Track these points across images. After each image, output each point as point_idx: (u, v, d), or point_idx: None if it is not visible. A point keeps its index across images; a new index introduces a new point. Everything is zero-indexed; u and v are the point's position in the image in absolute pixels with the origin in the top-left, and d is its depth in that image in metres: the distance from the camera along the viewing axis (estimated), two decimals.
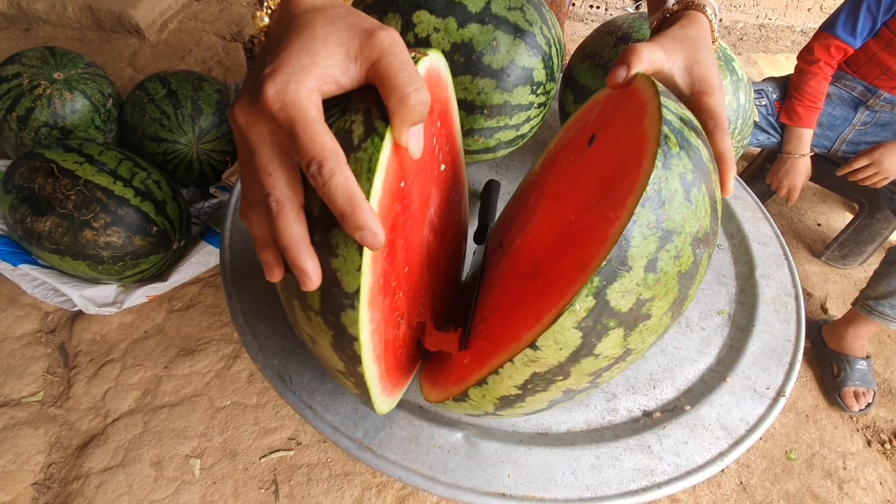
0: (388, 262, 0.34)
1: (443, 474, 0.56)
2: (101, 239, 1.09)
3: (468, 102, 0.72)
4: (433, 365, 0.51)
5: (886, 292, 1.23)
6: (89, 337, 1.25)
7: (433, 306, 0.53)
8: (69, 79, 1.34)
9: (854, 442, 1.27)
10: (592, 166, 0.40)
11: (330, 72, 0.30)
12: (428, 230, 0.44)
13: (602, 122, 0.43)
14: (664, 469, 0.58)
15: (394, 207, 0.33)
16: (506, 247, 0.51)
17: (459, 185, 0.56)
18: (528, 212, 0.50)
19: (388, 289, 0.35)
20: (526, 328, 0.34)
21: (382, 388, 0.40)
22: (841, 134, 1.37)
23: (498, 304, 0.42)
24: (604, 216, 0.33)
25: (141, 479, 1.05)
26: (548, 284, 0.35)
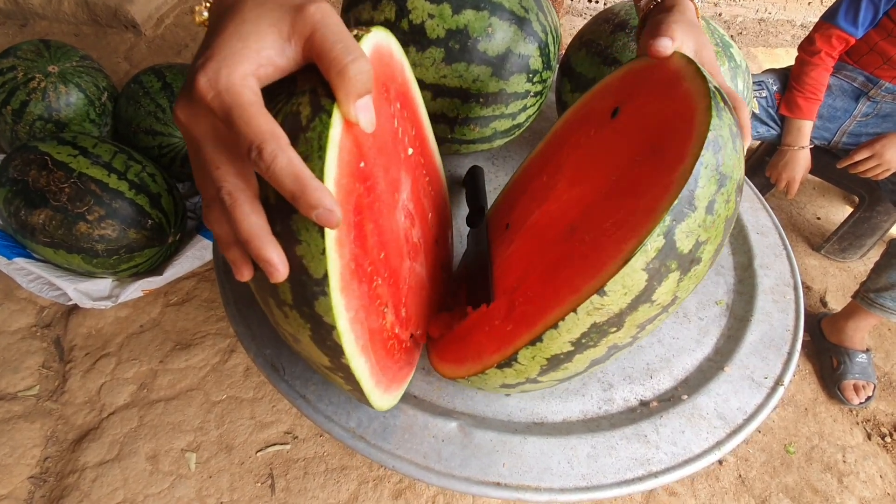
0: (359, 246, 0.34)
1: (437, 463, 0.55)
2: (96, 232, 1.08)
3: (463, 90, 0.71)
4: (450, 345, 0.51)
5: (887, 285, 1.22)
6: (85, 331, 1.24)
7: (422, 295, 0.52)
8: (64, 72, 1.34)
9: (854, 435, 1.26)
10: (623, 133, 0.42)
11: (264, 54, 0.29)
12: (403, 216, 0.44)
13: (624, 96, 0.45)
14: (661, 458, 0.57)
15: (355, 187, 0.33)
16: (516, 225, 0.52)
17: (433, 172, 0.55)
18: (541, 189, 0.51)
19: (363, 274, 0.35)
20: (583, 281, 0.35)
21: (376, 382, 0.39)
22: (842, 125, 1.36)
23: (528, 272, 0.43)
24: (659, 166, 0.35)
25: (136, 472, 1.05)
26: (601, 238, 0.36)
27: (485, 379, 0.44)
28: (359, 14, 0.74)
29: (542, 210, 0.48)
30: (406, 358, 0.51)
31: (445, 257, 0.59)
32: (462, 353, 0.48)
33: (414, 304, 0.50)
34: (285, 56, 0.30)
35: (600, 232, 0.37)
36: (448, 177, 0.87)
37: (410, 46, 0.69)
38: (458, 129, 0.75)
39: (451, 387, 0.63)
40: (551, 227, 0.44)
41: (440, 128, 0.75)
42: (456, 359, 0.49)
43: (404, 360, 0.50)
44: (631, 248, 0.33)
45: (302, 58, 0.31)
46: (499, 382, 0.44)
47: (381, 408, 0.43)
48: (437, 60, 0.69)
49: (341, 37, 0.30)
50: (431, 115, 0.74)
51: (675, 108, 0.37)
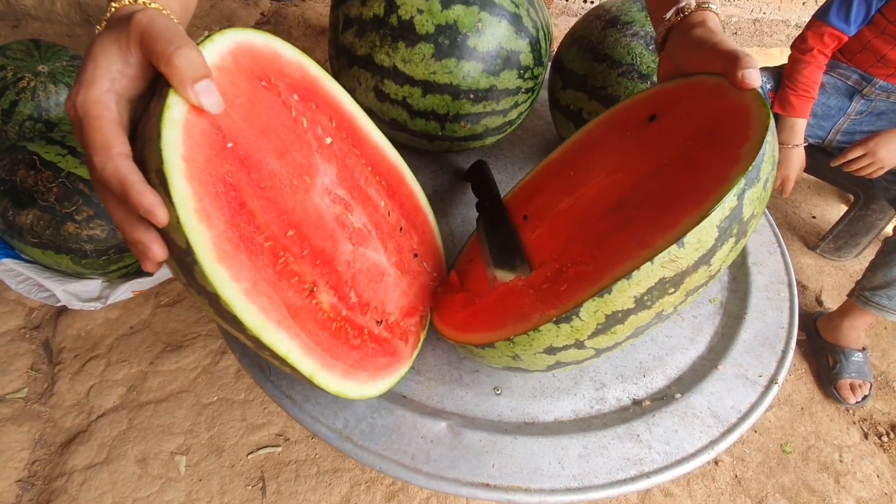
0: (240, 219, 0.36)
1: (425, 465, 0.54)
2: (84, 232, 1.07)
3: (453, 87, 0.70)
4: (478, 315, 0.51)
5: (883, 283, 1.21)
6: (74, 333, 1.23)
7: (386, 283, 0.52)
8: (53, 71, 1.32)
9: (850, 435, 1.25)
10: (666, 132, 0.47)
11: (114, 69, 0.33)
12: (328, 200, 0.46)
13: (661, 105, 0.50)
14: (653, 458, 0.56)
15: (220, 165, 0.35)
16: (538, 215, 0.56)
17: (383, 165, 0.55)
18: (568, 183, 0.55)
19: (255, 247, 0.37)
20: (654, 237, 0.38)
21: (322, 363, 0.41)
22: (836, 124, 1.36)
23: (568, 245, 0.48)
24: (721, 146, 0.40)
25: (125, 476, 1.03)
26: (667, 204, 0.41)
27: (535, 338, 0.43)
28: (347, 10, 0.73)
29: (575, 197, 0.52)
30: (381, 348, 0.50)
31: (427, 248, 0.58)
32: (499, 319, 0.48)
33: (372, 290, 0.50)
34: (131, 65, 0.34)
35: (660, 201, 0.41)
36: (445, 173, 0.86)
37: (400, 42, 0.68)
38: (449, 127, 0.75)
39: (441, 387, 0.62)
40: (591, 208, 0.49)
41: (430, 125, 0.74)
42: (492, 325, 0.48)
43: (377, 349, 0.49)
44: (710, 205, 0.36)
45: (144, 61, 0.34)
46: (547, 343, 0.43)
47: (347, 395, 0.43)
48: (426, 56, 0.68)
49: (164, 32, 0.33)
50: (421, 112, 0.73)
51: (727, 105, 0.43)
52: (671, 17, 0.52)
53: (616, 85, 0.70)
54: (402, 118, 0.74)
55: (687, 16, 0.51)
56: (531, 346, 0.44)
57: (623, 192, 0.47)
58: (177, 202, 0.32)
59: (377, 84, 0.72)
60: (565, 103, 0.78)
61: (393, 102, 0.73)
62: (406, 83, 0.70)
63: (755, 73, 0.42)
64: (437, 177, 0.85)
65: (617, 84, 0.70)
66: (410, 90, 0.71)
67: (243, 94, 0.39)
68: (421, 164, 0.86)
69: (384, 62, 0.70)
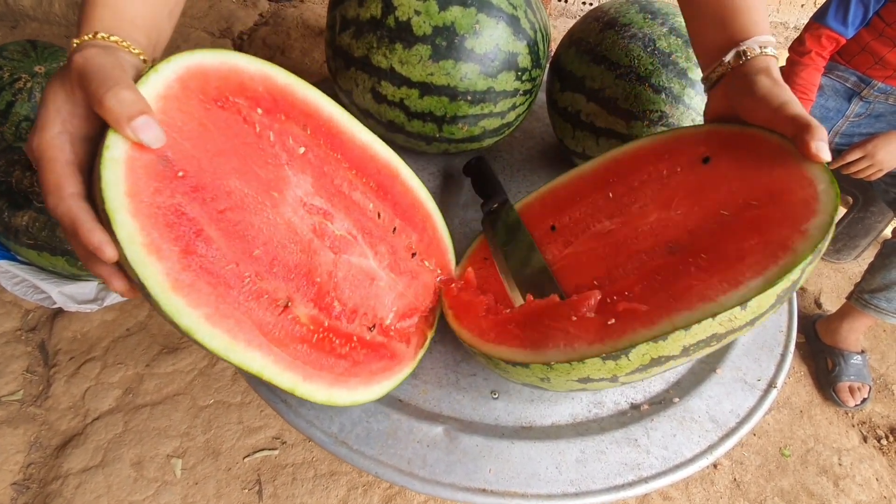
0: (200, 247, 0.37)
1: (421, 469, 0.54)
2: None
3: (451, 88, 0.70)
4: (509, 327, 0.49)
5: (882, 285, 1.21)
6: (70, 335, 1.22)
7: (377, 287, 0.51)
8: (50, 72, 1.32)
9: (850, 438, 1.25)
10: (723, 180, 0.48)
11: (64, 111, 0.34)
12: (302, 213, 0.46)
13: (717, 148, 0.50)
14: (651, 463, 0.56)
15: (170, 196, 0.36)
16: (569, 230, 0.56)
17: (367, 162, 0.54)
18: (607, 203, 0.55)
19: (216, 273, 0.38)
20: (715, 293, 0.39)
21: (304, 376, 0.42)
22: (834, 126, 1.36)
23: (612, 274, 0.48)
24: (787, 214, 0.41)
25: (121, 479, 1.03)
26: (729, 261, 0.41)
27: (576, 368, 0.42)
28: (345, 11, 0.73)
29: (619, 223, 0.52)
30: (375, 353, 0.49)
31: (428, 244, 0.57)
32: (535, 337, 0.46)
33: (360, 296, 0.49)
34: (79, 105, 0.35)
35: (721, 256, 0.42)
36: (443, 176, 0.86)
37: (397, 43, 0.68)
38: (447, 128, 0.74)
39: (438, 390, 0.61)
40: (640, 240, 0.49)
41: (428, 126, 0.74)
42: (526, 342, 0.47)
43: (371, 354, 0.49)
44: (776, 275, 0.37)
45: (87, 102, 0.35)
46: (586, 374, 0.43)
47: (337, 402, 0.44)
48: (423, 58, 0.68)
49: (96, 74, 0.33)
50: (418, 113, 0.73)
51: (792, 171, 0.43)
52: (731, 60, 0.50)
53: (614, 87, 0.70)
54: (400, 120, 0.74)
55: (748, 61, 0.49)
56: (568, 374, 0.44)
57: (678, 234, 0.47)
58: (122, 239, 0.33)
59: (374, 85, 0.72)
60: (563, 105, 0.78)
61: (390, 104, 0.73)
62: (403, 85, 0.70)
63: (826, 146, 0.42)
64: (435, 179, 0.85)
65: (615, 86, 0.70)
66: (408, 92, 0.70)
67: (194, 118, 0.39)
68: (418, 167, 0.86)
69: (381, 63, 0.69)
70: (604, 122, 0.72)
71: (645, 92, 0.67)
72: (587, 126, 0.75)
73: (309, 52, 2.07)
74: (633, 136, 0.70)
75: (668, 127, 0.68)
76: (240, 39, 2.14)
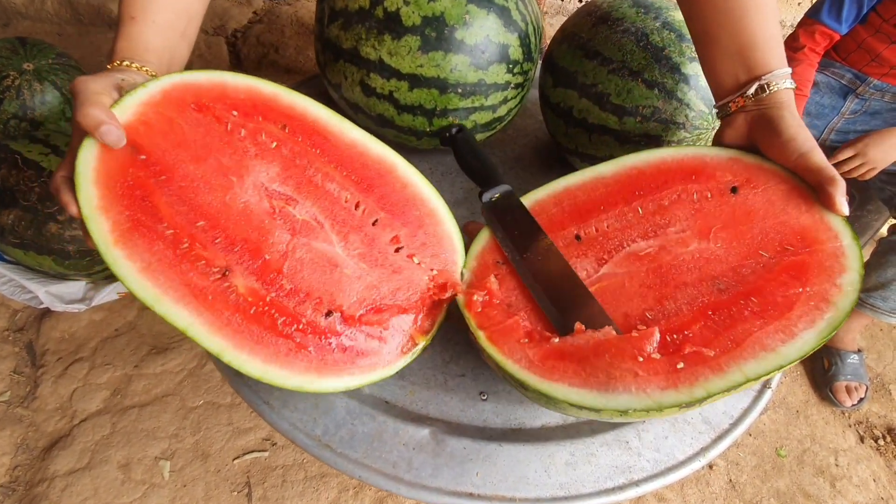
0: (144, 212, 0.45)
1: (407, 473, 0.52)
2: (67, 232, 1.05)
3: (440, 80, 0.68)
4: (562, 360, 0.46)
5: (877, 284, 1.20)
6: (58, 335, 1.20)
7: (341, 274, 0.50)
8: (39, 69, 1.30)
9: (846, 438, 1.24)
10: (755, 215, 0.50)
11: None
12: (259, 195, 0.51)
13: (744, 180, 0.52)
14: (643, 465, 0.55)
15: (127, 172, 0.46)
16: (598, 244, 0.53)
17: (353, 158, 0.55)
18: (642, 221, 0.53)
19: (155, 235, 0.45)
20: (774, 343, 0.42)
21: (233, 344, 0.45)
22: (829, 123, 1.35)
23: (668, 306, 0.48)
24: (821, 265, 0.45)
25: (108, 482, 1.01)
26: (778, 309, 0.44)
27: (652, 415, 0.42)
28: (333, 2, 0.71)
29: (655, 246, 0.52)
30: (330, 341, 0.48)
31: (423, 243, 0.54)
32: (598, 376, 0.44)
33: (317, 280, 0.49)
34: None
35: (771, 303, 0.45)
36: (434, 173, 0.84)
37: (386, 35, 0.67)
38: (437, 122, 0.73)
39: (426, 392, 0.60)
40: (684, 272, 0.50)
41: (418, 120, 0.73)
42: (589, 381, 0.44)
43: (324, 344, 0.47)
44: (826, 330, 0.42)
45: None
46: (655, 417, 0.43)
47: (273, 381, 0.45)
48: (412, 49, 0.66)
49: (79, 96, 0.45)
50: (408, 107, 0.71)
51: (820, 221, 0.48)
52: (752, 93, 0.52)
53: (606, 82, 0.68)
54: (389, 113, 0.73)
55: (768, 95, 0.51)
56: (639, 417, 0.43)
57: (722, 270, 0.49)
58: (80, 200, 0.43)
59: (363, 78, 0.70)
60: (556, 101, 0.77)
61: (379, 97, 0.71)
62: (392, 77, 0.68)
63: (845, 200, 0.46)
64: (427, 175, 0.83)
65: (607, 81, 0.68)
66: (397, 84, 0.69)
67: (166, 118, 0.49)
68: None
69: (370, 55, 0.68)
70: (596, 119, 0.71)
71: (638, 87, 0.66)
72: (580, 122, 0.73)
73: (303, 50, 2.05)
74: (626, 133, 0.69)
75: (660, 123, 0.67)
76: (233, 37, 2.12)
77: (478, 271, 0.54)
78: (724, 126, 0.55)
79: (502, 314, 0.50)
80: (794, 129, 0.49)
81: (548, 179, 0.58)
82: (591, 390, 0.43)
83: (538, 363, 0.46)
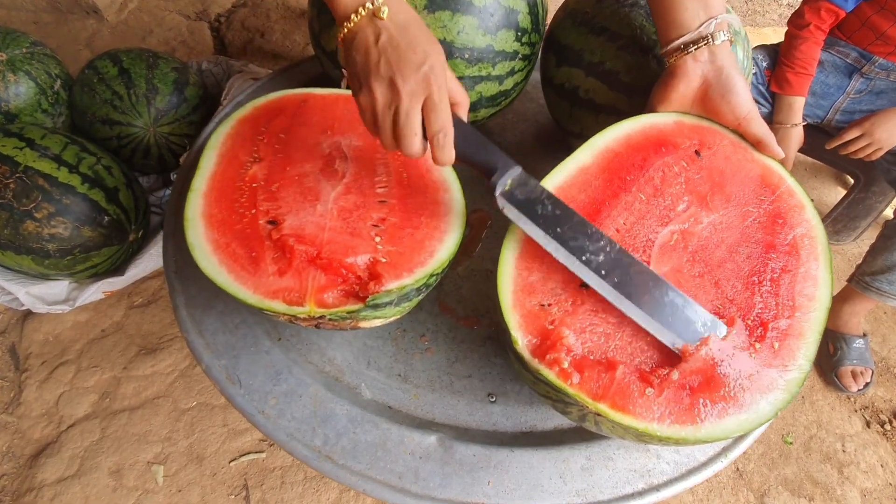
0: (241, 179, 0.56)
1: (413, 484, 0.49)
2: (46, 231, 1.00)
3: (447, 43, 0.64)
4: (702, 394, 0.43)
5: (884, 267, 1.17)
6: (41, 338, 1.15)
7: (311, 204, 0.54)
8: (13, 59, 1.23)
9: (853, 423, 1.22)
10: (727, 175, 0.55)
11: None
12: (333, 149, 0.60)
13: (696, 142, 0.56)
14: (662, 469, 0.52)
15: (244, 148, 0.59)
16: (632, 237, 0.51)
17: (414, 166, 0.59)
18: (649, 207, 0.53)
19: (238, 189, 0.55)
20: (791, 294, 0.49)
21: (213, 248, 0.50)
22: (834, 103, 1.31)
23: (726, 290, 0.49)
24: (793, 213, 0.54)
25: (98, 489, 0.97)
26: (786, 256, 0.51)
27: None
28: None
29: (677, 233, 0.52)
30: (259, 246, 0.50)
31: (404, 244, 0.51)
32: (725, 401, 0.42)
33: (295, 197, 0.54)
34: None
35: (783, 252, 0.51)
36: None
37: None
38: None
39: (431, 395, 0.57)
40: (711, 248, 0.51)
41: None
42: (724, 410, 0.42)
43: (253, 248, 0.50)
44: (826, 266, 0.51)
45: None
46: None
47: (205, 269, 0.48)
48: (418, 8, 0.62)
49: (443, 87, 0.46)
50: None
51: (762, 165, 0.57)
52: (710, 32, 0.54)
53: (615, 59, 0.64)
54: None
55: (717, 45, 0.54)
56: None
57: (736, 236, 0.52)
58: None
59: None
60: (560, 82, 0.72)
61: None
62: None
63: (779, 150, 0.56)
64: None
65: (616, 58, 0.64)
66: None
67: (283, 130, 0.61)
68: None
69: None
70: (604, 98, 0.66)
71: (649, 64, 0.62)
72: (586, 103, 0.69)
73: (290, 35, 1.98)
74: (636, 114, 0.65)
75: None
76: (217, 22, 2.04)
77: (528, 324, 0.45)
78: (677, 76, 0.55)
79: (600, 367, 0.43)
80: (745, 90, 0.55)
81: (551, 166, 0.53)
82: (730, 416, 0.42)
83: (680, 410, 0.41)
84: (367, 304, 0.46)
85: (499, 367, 0.59)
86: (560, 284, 0.47)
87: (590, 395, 0.42)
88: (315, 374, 0.56)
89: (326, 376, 0.57)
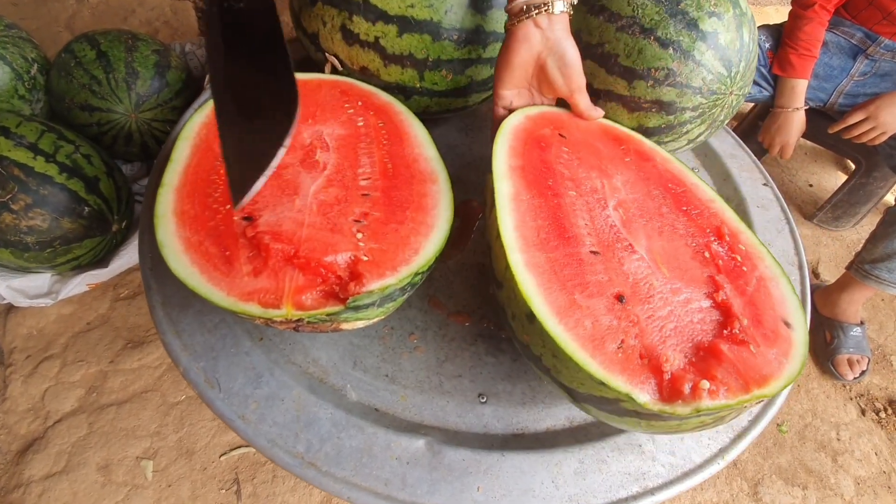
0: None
1: (400, 491, 0.47)
2: (23, 223, 0.96)
3: (434, 24, 0.60)
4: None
5: (883, 255, 1.16)
6: (25, 332, 1.13)
7: (289, 196, 0.51)
8: None
9: (847, 411, 1.22)
10: (595, 150, 0.59)
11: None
12: (314, 138, 0.58)
13: (549, 126, 0.59)
14: (658, 471, 0.50)
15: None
16: (606, 238, 0.50)
17: (404, 156, 0.58)
18: (585, 191, 0.54)
19: (213, 183, 0.52)
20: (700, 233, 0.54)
21: (181, 243, 0.47)
22: (838, 85, 1.28)
23: (713, 255, 0.51)
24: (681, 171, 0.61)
25: (87, 485, 0.96)
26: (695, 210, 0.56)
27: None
28: None
29: (619, 206, 0.54)
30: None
31: (387, 243, 0.48)
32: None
33: (275, 193, 0.51)
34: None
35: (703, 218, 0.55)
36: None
37: None
38: (428, 76, 0.65)
39: (419, 396, 0.54)
40: (669, 216, 0.54)
41: (407, 74, 0.65)
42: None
43: (225, 245, 0.46)
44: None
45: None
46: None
47: (175, 269, 0.46)
48: None
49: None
50: (397, 56, 0.63)
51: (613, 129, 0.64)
52: (529, 8, 0.54)
53: (615, 41, 0.61)
54: (374, 65, 0.64)
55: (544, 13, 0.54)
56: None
57: (644, 183, 0.57)
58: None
59: (345, 22, 0.62)
60: None
61: (363, 45, 0.63)
62: (379, 20, 0.60)
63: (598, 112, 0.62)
64: None
65: (616, 40, 0.61)
66: (384, 28, 0.61)
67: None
68: None
69: None
70: (602, 84, 0.63)
71: (650, 46, 0.59)
72: None
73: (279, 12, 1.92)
74: (636, 99, 0.62)
75: (674, 87, 0.60)
76: (201, 2, 1.97)
77: (628, 372, 0.40)
78: (519, 40, 0.56)
79: (705, 356, 0.41)
80: (579, 62, 0.57)
81: None
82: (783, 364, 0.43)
83: (772, 357, 0.43)
84: (347, 306, 0.43)
85: (490, 366, 0.57)
86: (604, 302, 0.43)
87: (741, 387, 0.38)
88: (298, 376, 0.54)
89: (310, 378, 0.54)
